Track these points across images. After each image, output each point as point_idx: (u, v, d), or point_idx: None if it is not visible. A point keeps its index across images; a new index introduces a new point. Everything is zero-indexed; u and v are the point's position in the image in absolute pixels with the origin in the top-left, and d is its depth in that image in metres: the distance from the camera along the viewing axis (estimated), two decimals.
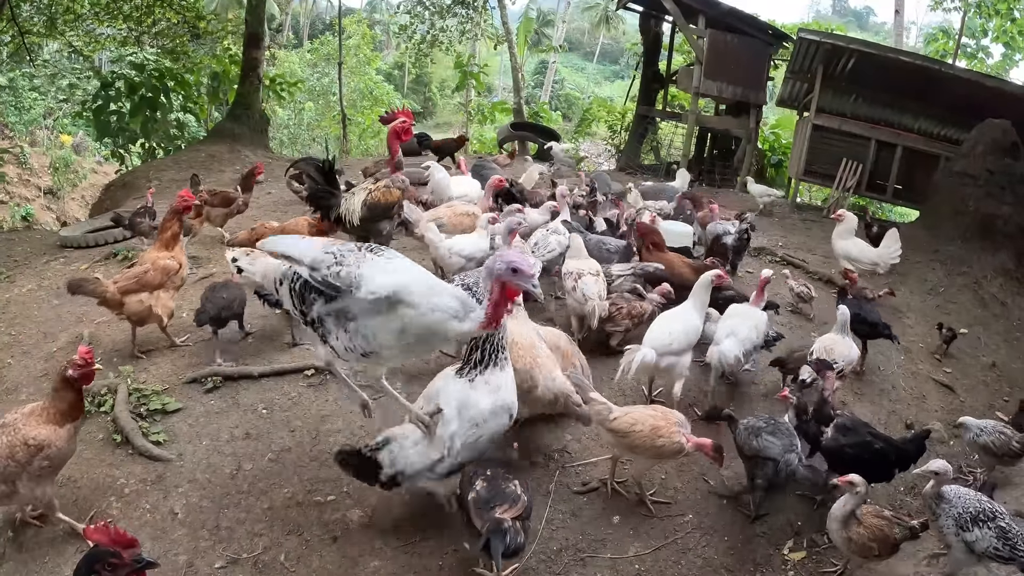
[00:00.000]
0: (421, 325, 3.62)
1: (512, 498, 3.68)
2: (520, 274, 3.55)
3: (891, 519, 4.33)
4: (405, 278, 3.66)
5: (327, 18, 52.35)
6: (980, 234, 10.77)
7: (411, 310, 3.59)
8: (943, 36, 26.05)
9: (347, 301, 3.69)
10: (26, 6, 17.37)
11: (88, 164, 24.18)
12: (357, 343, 3.76)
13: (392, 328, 3.66)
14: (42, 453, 3.84)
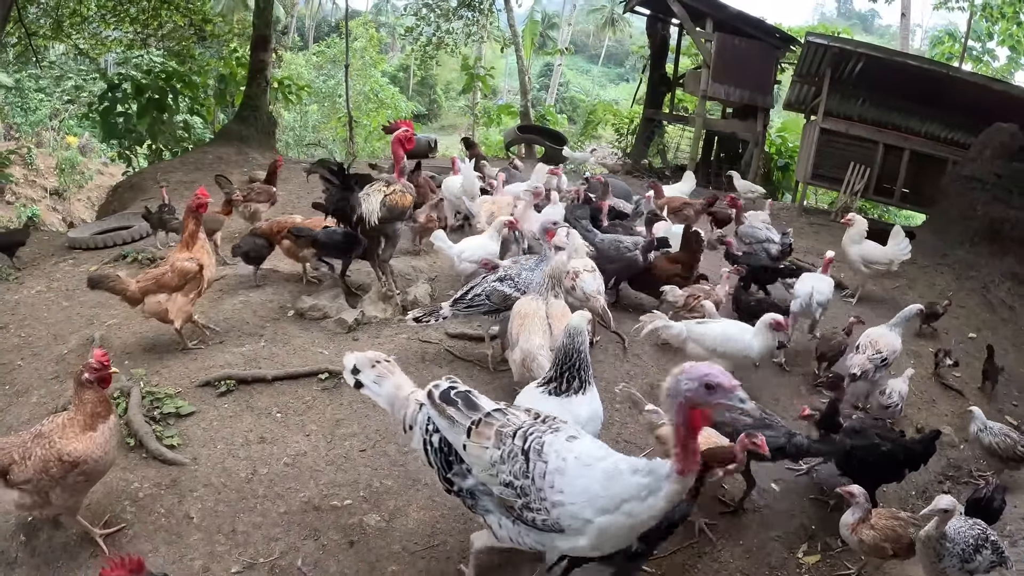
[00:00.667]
0: (616, 532, 3.02)
1: None
2: (718, 390, 2.76)
3: (906, 520, 4.33)
4: (602, 497, 2.95)
5: (333, 20, 52.38)
6: (988, 238, 10.79)
7: (606, 521, 2.98)
8: (949, 39, 26.01)
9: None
10: (33, 8, 17.39)
11: (94, 165, 24.19)
12: (527, 541, 3.28)
13: (583, 543, 3.07)
14: (77, 469, 3.80)
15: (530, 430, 3.18)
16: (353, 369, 3.83)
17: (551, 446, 3.09)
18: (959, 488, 5.85)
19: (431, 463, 3.52)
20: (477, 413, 3.32)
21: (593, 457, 3.05)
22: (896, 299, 9.11)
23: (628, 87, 45.30)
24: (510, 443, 3.15)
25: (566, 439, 3.12)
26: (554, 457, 3.05)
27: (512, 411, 3.37)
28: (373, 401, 3.83)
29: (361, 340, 6.25)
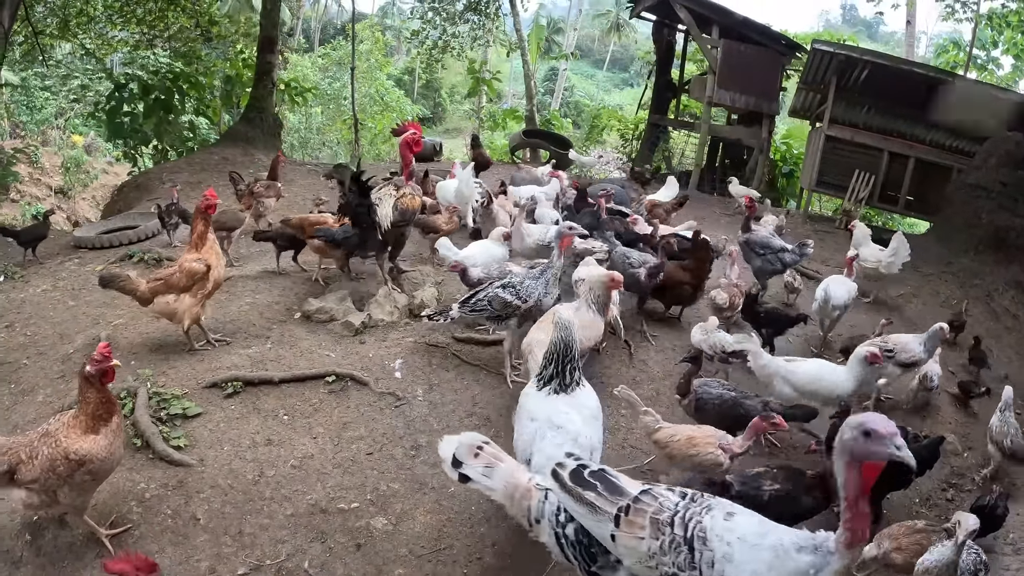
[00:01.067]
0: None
1: None
2: (875, 438, 2.61)
3: (926, 529, 4.28)
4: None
5: (339, 22, 52.49)
6: (993, 246, 10.79)
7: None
8: (953, 47, 26.03)
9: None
10: (40, 7, 17.43)
11: (99, 164, 24.22)
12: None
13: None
14: (83, 468, 3.80)
15: (688, 515, 2.92)
16: (454, 461, 3.39)
17: (713, 531, 2.85)
18: (962, 496, 5.85)
19: (569, 558, 3.21)
20: (622, 498, 3.02)
21: (757, 535, 2.84)
22: (901, 307, 9.11)
23: (633, 92, 45.34)
24: (669, 532, 2.89)
25: (724, 518, 2.89)
26: (719, 543, 2.81)
27: (658, 491, 3.08)
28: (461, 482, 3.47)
29: (368, 343, 6.26)
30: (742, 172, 17.49)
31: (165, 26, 18.87)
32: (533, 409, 4.00)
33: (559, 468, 3.15)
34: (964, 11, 21.32)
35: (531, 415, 3.97)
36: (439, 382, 5.69)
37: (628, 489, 3.05)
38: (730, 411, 5.01)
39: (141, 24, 18.54)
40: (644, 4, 18.11)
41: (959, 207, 11.68)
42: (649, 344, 6.86)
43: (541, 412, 3.93)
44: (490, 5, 23.11)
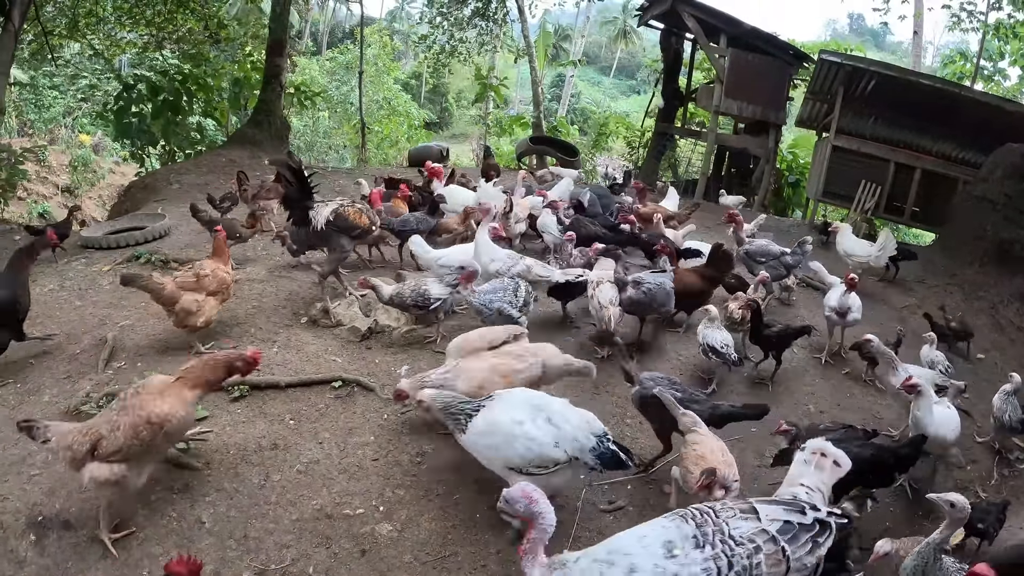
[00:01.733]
0: None
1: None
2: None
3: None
4: None
5: (347, 26, 52.59)
6: (998, 259, 10.77)
7: None
8: (960, 58, 26.00)
9: None
10: (49, 7, 17.50)
11: (106, 164, 24.30)
12: None
13: None
14: (163, 428, 4.07)
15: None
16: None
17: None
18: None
19: None
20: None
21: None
22: (906, 318, 9.10)
23: (639, 99, 45.38)
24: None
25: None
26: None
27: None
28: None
29: (374, 349, 6.28)
30: (748, 181, 17.51)
31: (174, 28, 18.96)
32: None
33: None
34: (970, 20, 21.32)
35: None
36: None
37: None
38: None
39: (150, 25, 18.62)
40: (652, 12, 18.15)
41: (964, 219, 11.67)
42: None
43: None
44: (498, 11, 23.18)
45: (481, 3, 22.90)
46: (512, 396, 4.32)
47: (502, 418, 4.13)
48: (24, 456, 4.79)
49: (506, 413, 4.15)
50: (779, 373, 6.89)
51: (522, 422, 4.09)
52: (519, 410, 4.16)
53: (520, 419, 4.10)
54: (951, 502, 3.99)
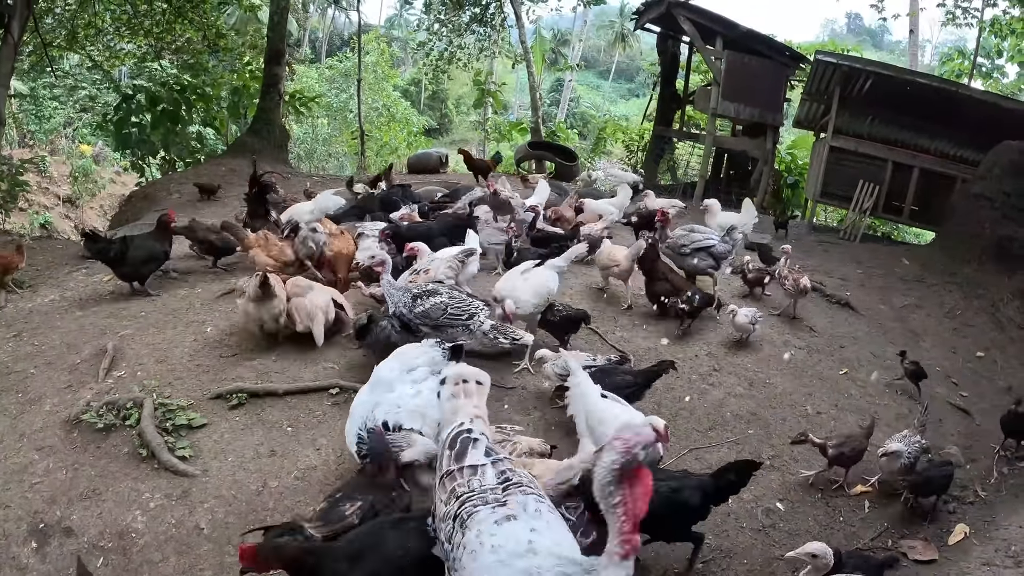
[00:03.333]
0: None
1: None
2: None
3: None
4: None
5: (345, 34, 52.67)
6: (997, 257, 10.77)
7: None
8: (958, 56, 26.02)
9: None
10: (48, 18, 17.56)
11: (107, 174, 24.37)
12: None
13: None
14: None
15: (483, 497, 3.02)
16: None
17: (480, 529, 2.89)
18: (964, 508, 5.83)
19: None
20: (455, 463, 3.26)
21: (512, 552, 2.78)
22: (904, 317, 9.10)
23: (638, 103, 45.40)
24: (455, 505, 3.06)
25: (494, 522, 2.90)
26: (474, 543, 2.87)
27: (499, 459, 3.26)
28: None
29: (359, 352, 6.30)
30: (747, 183, 17.53)
31: (172, 38, 19.02)
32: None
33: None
34: (965, 17, 21.35)
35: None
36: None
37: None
38: None
39: (149, 36, 18.68)
40: (648, 16, 18.18)
41: (963, 217, 11.68)
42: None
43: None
44: (495, 17, 23.25)
45: (479, 9, 22.97)
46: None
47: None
48: (26, 464, 4.84)
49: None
50: (773, 371, 6.91)
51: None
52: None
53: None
54: (811, 553, 3.90)
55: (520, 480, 3.10)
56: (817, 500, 5.32)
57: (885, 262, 11.72)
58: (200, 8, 18.20)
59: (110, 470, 4.78)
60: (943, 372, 7.95)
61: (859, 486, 5.57)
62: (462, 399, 3.56)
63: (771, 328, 7.83)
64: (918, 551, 5.04)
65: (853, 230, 13.74)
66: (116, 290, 7.91)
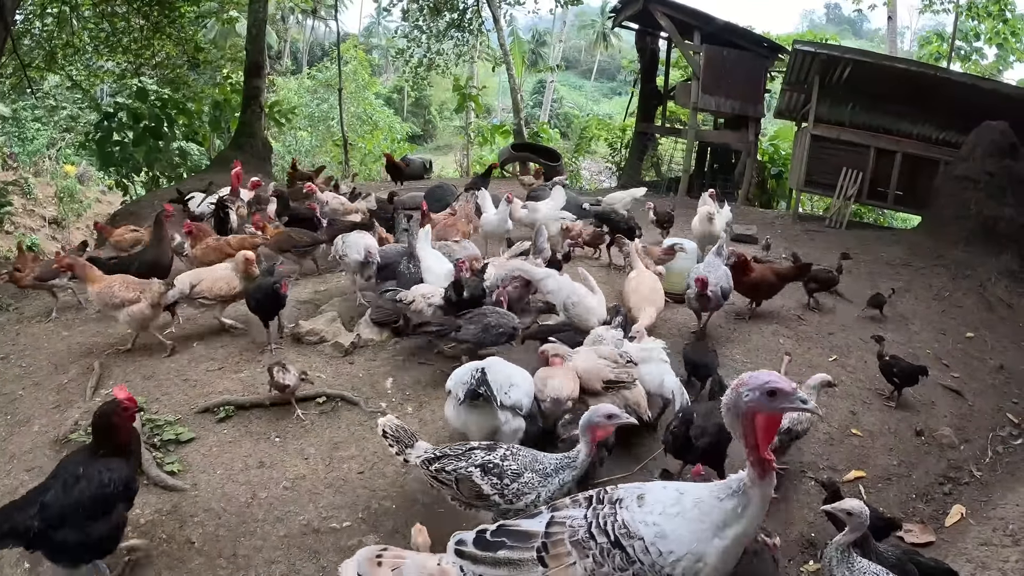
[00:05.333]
0: (732, 552, 2.85)
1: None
2: (779, 395, 2.72)
3: None
4: (707, 530, 2.81)
5: (326, 44, 52.64)
6: (983, 237, 10.84)
7: (719, 548, 2.80)
8: (937, 39, 26.15)
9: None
10: (26, 39, 17.51)
11: (92, 194, 24.27)
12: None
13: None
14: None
15: (601, 520, 2.89)
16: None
17: (633, 521, 2.86)
18: (960, 489, 5.85)
19: None
20: (534, 539, 2.95)
21: (674, 502, 2.89)
22: (892, 302, 9.12)
23: (621, 101, 45.43)
24: (594, 544, 2.84)
25: (637, 505, 2.91)
26: (644, 528, 2.83)
27: (562, 514, 3.02)
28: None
29: (357, 363, 6.28)
30: (731, 176, 17.56)
31: (152, 54, 18.97)
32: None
33: (459, 545, 3.05)
34: (942, 2, 21.45)
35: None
36: (428, 399, 5.70)
37: (534, 528, 3.00)
38: None
39: (127, 53, 18.63)
40: (626, 13, 18.25)
41: (948, 199, 11.73)
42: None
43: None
44: (473, 22, 23.24)
45: (456, 15, 22.96)
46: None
47: None
48: (16, 486, 4.79)
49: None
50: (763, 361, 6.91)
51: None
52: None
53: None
54: (847, 511, 3.87)
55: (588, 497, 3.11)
56: (811, 487, 5.30)
57: (872, 248, 11.75)
58: (178, 23, 18.19)
59: None
60: (934, 354, 7.96)
61: (853, 472, 5.58)
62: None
63: (761, 318, 7.86)
64: (915, 534, 5.06)
65: (838, 217, 13.77)
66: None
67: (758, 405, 2.72)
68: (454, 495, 3.97)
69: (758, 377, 2.74)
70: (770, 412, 2.75)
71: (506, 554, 2.94)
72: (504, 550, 2.95)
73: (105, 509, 3.76)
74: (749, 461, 2.79)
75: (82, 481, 3.73)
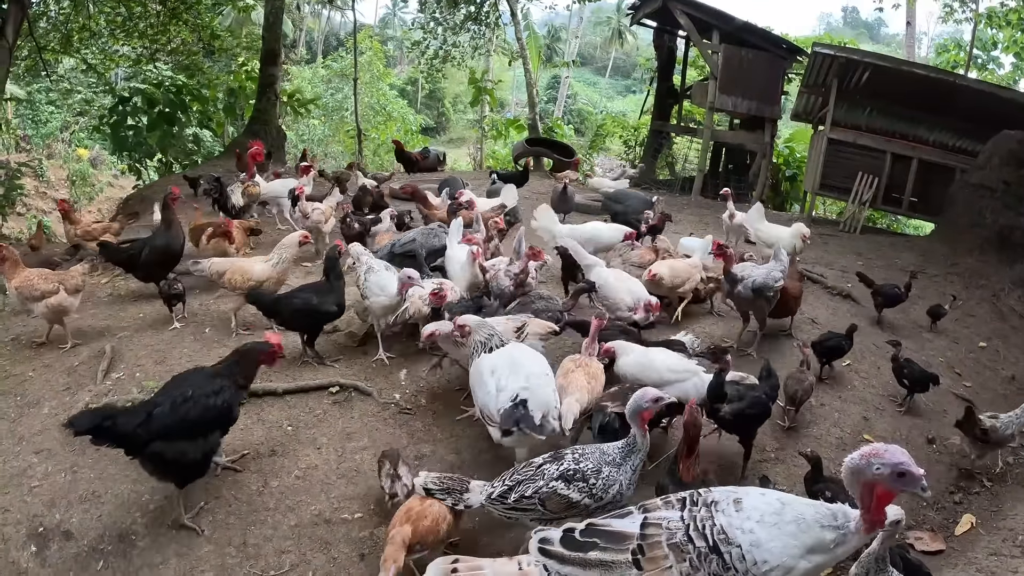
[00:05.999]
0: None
1: None
2: (907, 479, 2.76)
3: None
4: (796, 547, 2.83)
5: (341, 34, 52.61)
6: (997, 246, 10.77)
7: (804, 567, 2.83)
8: (954, 47, 25.99)
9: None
10: (42, 22, 17.50)
11: (104, 178, 24.33)
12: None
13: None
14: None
15: (699, 523, 2.90)
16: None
17: (731, 526, 2.86)
18: (970, 498, 5.81)
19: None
20: (628, 541, 2.91)
21: (774, 513, 2.89)
22: (906, 308, 9.06)
23: (635, 99, 45.34)
24: (692, 548, 2.84)
25: (736, 510, 2.91)
26: (742, 535, 2.83)
27: (656, 515, 3.00)
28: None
29: (371, 353, 6.26)
30: (745, 177, 17.49)
31: (167, 40, 18.95)
32: (490, 363, 4.57)
33: (544, 544, 3.03)
34: (963, 10, 21.27)
35: (491, 368, 4.45)
36: (443, 391, 5.68)
37: (628, 529, 2.96)
38: None
39: (143, 38, 18.61)
40: (644, 11, 18.15)
41: (963, 207, 11.66)
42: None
43: (499, 360, 4.51)
44: (490, 15, 23.17)
45: (474, 7, 22.89)
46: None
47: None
48: (24, 468, 4.80)
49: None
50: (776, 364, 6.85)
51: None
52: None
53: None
54: (895, 521, 3.65)
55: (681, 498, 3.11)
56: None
57: (886, 254, 11.69)
58: (194, 9, 18.14)
59: (109, 472, 4.74)
60: (946, 362, 7.91)
61: None
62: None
63: (775, 323, 7.81)
64: (925, 542, 5.02)
65: (853, 222, 13.71)
66: (114, 292, 7.88)
67: (884, 481, 2.75)
68: (538, 516, 3.81)
69: (893, 455, 2.75)
70: (891, 489, 2.77)
71: (598, 555, 2.91)
72: (596, 551, 2.92)
73: (203, 433, 4.19)
74: (862, 515, 2.81)
75: (189, 403, 4.15)
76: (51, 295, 6.37)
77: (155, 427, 4.03)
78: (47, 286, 6.35)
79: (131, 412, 4.16)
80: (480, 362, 4.69)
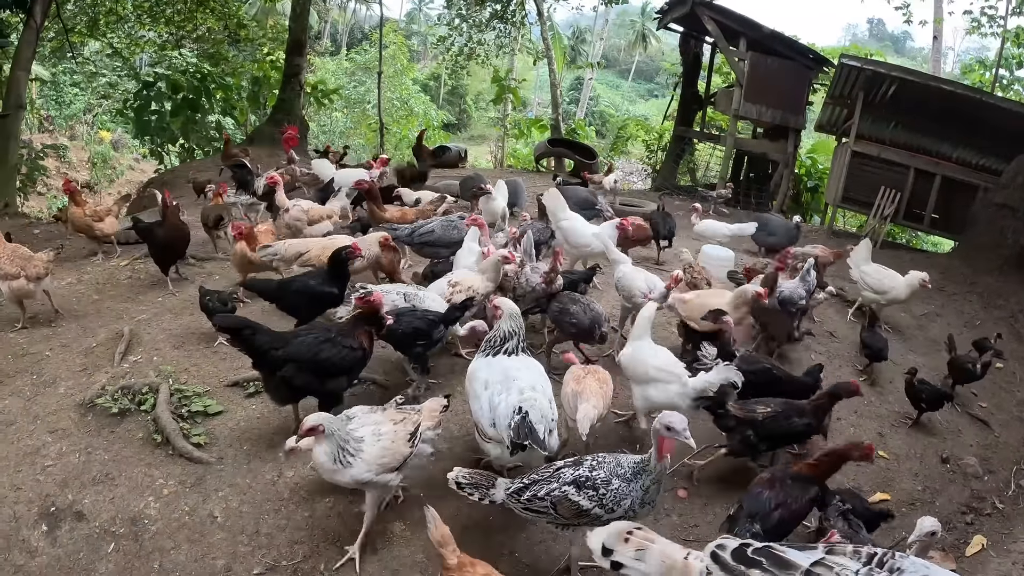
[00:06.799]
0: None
1: None
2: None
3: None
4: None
5: (365, 27, 52.73)
6: (1018, 267, 10.70)
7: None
8: (979, 67, 25.79)
9: None
10: (70, 5, 17.64)
11: (125, 161, 24.49)
12: None
13: None
14: None
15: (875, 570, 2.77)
16: (603, 549, 3.22)
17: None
18: (982, 520, 5.77)
19: None
20: (793, 571, 2.82)
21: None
22: (924, 326, 9.01)
23: (657, 103, 45.26)
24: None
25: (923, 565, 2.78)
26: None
27: (832, 559, 2.86)
28: None
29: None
30: (766, 186, 17.43)
31: (193, 27, 19.08)
32: (477, 370, 4.53)
33: (719, 549, 2.98)
34: (991, 25, 21.10)
35: (484, 382, 4.35)
36: (459, 384, 5.66)
37: (797, 560, 2.86)
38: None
39: (170, 24, 18.75)
40: (672, 15, 18.08)
41: (984, 226, 11.57)
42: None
43: (493, 374, 4.40)
44: (516, 14, 23.17)
45: (500, 5, 22.90)
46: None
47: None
48: (39, 447, 4.83)
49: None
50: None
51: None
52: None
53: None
54: (931, 531, 3.87)
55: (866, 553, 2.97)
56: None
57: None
58: None
59: (124, 455, 4.76)
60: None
61: (877, 493, 5.51)
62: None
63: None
64: (936, 562, 4.98)
65: (874, 236, 13.62)
66: (133, 275, 7.91)
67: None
68: (552, 519, 3.84)
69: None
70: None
71: (759, 575, 2.86)
72: (758, 570, 2.86)
73: (332, 373, 4.75)
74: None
75: (327, 343, 4.72)
76: (13, 279, 6.44)
77: (291, 351, 4.62)
78: (10, 268, 6.42)
79: (270, 333, 4.76)
80: (475, 370, 4.61)
